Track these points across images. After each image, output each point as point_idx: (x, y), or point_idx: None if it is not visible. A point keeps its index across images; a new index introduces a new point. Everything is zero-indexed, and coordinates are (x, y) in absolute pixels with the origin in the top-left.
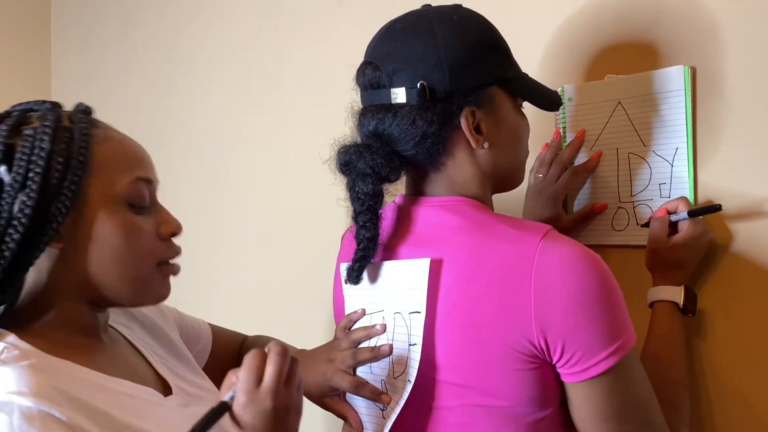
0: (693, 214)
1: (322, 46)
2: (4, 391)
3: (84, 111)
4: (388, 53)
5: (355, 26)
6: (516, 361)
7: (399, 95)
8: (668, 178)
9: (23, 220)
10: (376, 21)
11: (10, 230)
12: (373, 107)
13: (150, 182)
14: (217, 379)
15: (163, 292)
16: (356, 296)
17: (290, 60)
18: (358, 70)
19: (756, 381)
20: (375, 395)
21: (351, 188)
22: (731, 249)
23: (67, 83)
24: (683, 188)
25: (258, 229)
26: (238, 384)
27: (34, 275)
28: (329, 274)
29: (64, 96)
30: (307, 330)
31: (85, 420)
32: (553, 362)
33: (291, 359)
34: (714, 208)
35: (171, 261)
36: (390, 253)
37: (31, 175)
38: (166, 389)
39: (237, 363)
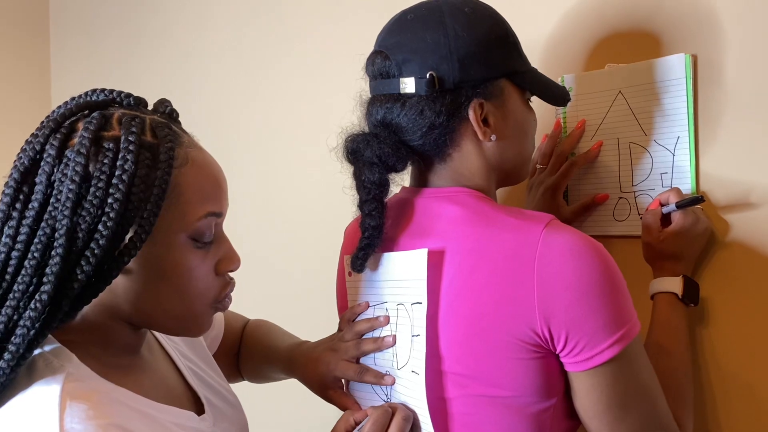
0: (680, 205)
1: (333, 34)
2: (76, 429)
3: (168, 115)
4: (398, 43)
5: (366, 15)
6: (519, 350)
7: (408, 85)
8: (670, 167)
9: (97, 252)
10: (387, 10)
11: (83, 261)
12: (382, 96)
13: (219, 215)
14: (223, 362)
15: (207, 327)
16: (359, 288)
17: (299, 48)
18: (368, 59)
19: (759, 369)
20: (378, 378)
21: (357, 177)
22: (733, 237)
23: (66, 85)
24: (685, 177)
25: (262, 219)
26: None
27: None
28: (332, 266)
29: (63, 92)
30: (310, 321)
31: None
32: (557, 351)
33: (408, 426)
34: (697, 199)
35: (225, 298)
36: (392, 244)
37: (110, 201)
38: (197, 404)
39: (238, 348)
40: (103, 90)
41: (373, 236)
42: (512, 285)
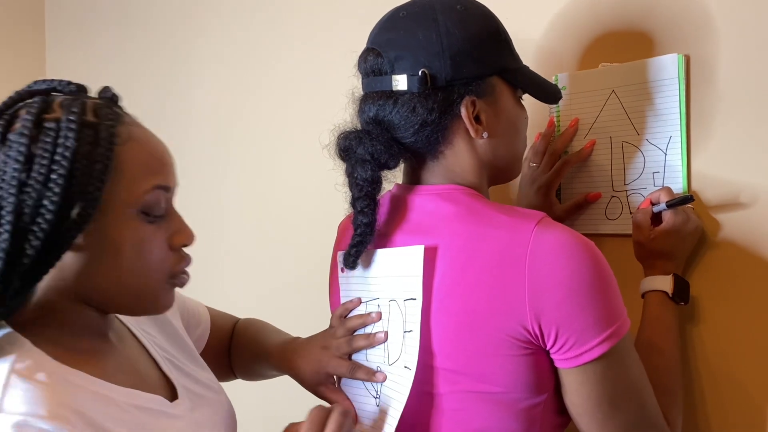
0: (670, 204)
1: (324, 32)
2: (19, 410)
3: (110, 99)
4: (390, 40)
5: (358, 12)
6: (510, 347)
7: (400, 82)
8: (662, 166)
9: (44, 226)
10: (380, 7)
11: (30, 236)
12: (374, 94)
13: (168, 189)
14: (212, 361)
15: (167, 304)
16: (352, 284)
17: (293, 45)
18: (360, 57)
19: (749, 367)
20: (369, 375)
21: (350, 174)
22: (723, 237)
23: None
24: (677, 177)
25: (254, 216)
26: None
27: (47, 278)
28: (325, 263)
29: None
30: (302, 318)
31: None
32: (547, 348)
33: (348, 420)
34: (687, 199)
35: (181, 273)
36: (385, 241)
37: (54, 177)
38: (171, 391)
39: (228, 347)
40: (44, 80)
41: (365, 233)
42: (503, 282)
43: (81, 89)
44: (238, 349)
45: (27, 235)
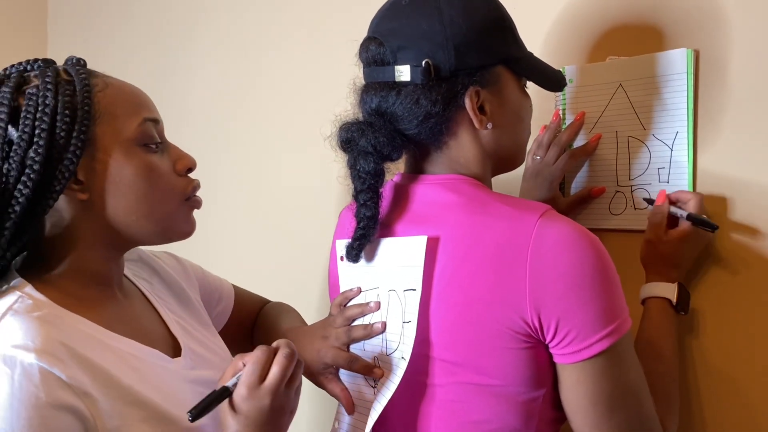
0: (691, 219)
1: (325, 18)
2: (9, 343)
3: (78, 63)
4: (392, 29)
5: None
6: (509, 339)
7: (403, 73)
8: (667, 162)
9: (32, 175)
10: None
11: (20, 186)
12: (376, 84)
13: (157, 122)
14: (236, 341)
15: (189, 228)
16: (351, 273)
17: (293, 33)
18: (362, 46)
19: (747, 377)
20: (368, 369)
21: (352, 166)
22: (726, 240)
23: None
24: (682, 173)
25: (255, 205)
26: (242, 375)
27: (57, 225)
28: (325, 251)
29: None
30: (301, 306)
31: (86, 378)
32: (546, 342)
33: (297, 362)
34: (711, 226)
35: (193, 195)
36: (387, 231)
37: (38, 132)
38: (176, 350)
39: (252, 329)
40: (13, 65)
41: (368, 226)
42: (504, 273)
43: (48, 62)
44: (258, 332)
45: (17, 184)
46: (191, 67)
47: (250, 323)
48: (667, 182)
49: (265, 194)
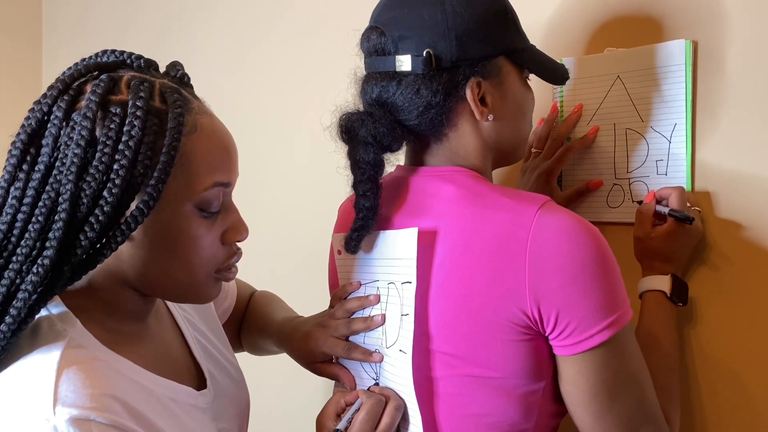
0: (672, 214)
1: (327, 8)
2: (75, 403)
3: (179, 80)
4: (394, 19)
5: None
6: (509, 331)
7: (404, 63)
8: (665, 154)
9: (101, 218)
10: None
11: (86, 228)
12: (377, 74)
13: (227, 185)
14: (227, 331)
15: (212, 296)
16: (351, 266)
17: (293, 23)
18: (363, 35)
19: (747, 368)
20: (366, 356)
21: (352, 156)
22: (724, 234)
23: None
24: (680, 165)
25: (254, 199)
26: (357, 423)
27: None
28: (325, 244)
29: None
30: (301, 299)
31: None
32: (546, 334)
33: (399, 414)
34: (687, 219)
35: (229, 267)
36: (385, 223)
37: (116, 167)
38: (199, 377)
39: (242, 318)
40: (113, 51)
41: (367, 217)
42: (504, 265)
43: (150, 65)
44: (248, 322)
45: (83, 226)
46: (188, 68)
47: (241, 313)
48: (666, 174)
49: (264, 185)
